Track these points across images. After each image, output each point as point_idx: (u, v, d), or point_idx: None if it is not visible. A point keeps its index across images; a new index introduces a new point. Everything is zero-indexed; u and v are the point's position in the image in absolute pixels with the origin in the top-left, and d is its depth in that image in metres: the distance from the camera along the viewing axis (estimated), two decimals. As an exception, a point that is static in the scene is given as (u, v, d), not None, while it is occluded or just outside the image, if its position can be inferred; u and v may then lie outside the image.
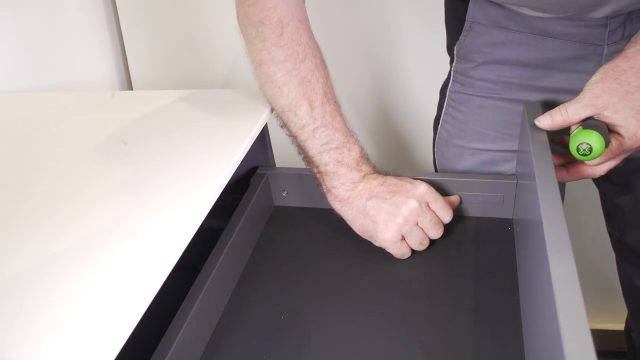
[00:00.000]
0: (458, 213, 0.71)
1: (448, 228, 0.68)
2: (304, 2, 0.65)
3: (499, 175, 0.76)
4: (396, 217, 0.63)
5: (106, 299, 0.45)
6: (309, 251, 0.69)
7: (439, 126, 0.83)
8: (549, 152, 0.57)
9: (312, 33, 0.66)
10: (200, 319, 0.56)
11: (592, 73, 0.62)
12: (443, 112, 0.81)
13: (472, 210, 0.72)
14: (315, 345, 0.57)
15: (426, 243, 0.66)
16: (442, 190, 0.70)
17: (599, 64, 0.66)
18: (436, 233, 0.66)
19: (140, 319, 0.44)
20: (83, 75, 1.11)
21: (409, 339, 0.56)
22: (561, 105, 0.61)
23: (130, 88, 1.23)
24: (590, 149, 0.56)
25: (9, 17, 0.93)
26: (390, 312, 0.59)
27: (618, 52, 0.63)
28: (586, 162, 0.62)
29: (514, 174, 0.74)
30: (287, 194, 0.76)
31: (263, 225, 0.74)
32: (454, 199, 0.70)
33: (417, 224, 0.64)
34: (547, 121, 0.61)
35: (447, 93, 0.80)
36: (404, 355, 0.55)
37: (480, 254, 0.66)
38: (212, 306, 0.60)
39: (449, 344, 0.55)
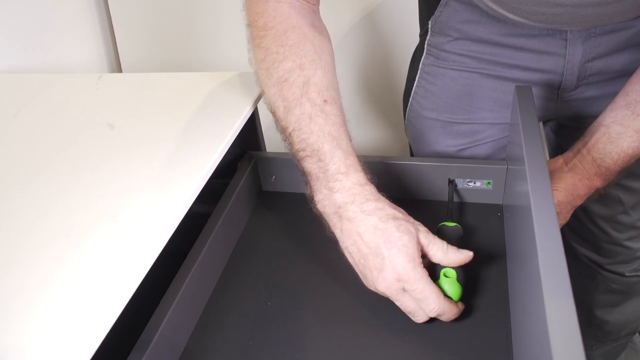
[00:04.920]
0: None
1: (436, 215, 0.68)
2: (315, 4, 0.64)
3: (489, 160, 0.76)
4: (376, 283, 0.54)
5: (92, 285, 0.45)
6: (296, 237, 0.68)
7: (410, 98, 0.84)
8: (539, 136, 0.56)
9: (311, 33, 0.61)
10: (186, 303, 0.56)
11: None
12: (415, 85, 0.82)
13: (462, 196, 0.71)
14: (302, 331, 0.56)
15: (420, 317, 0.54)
16: (430, 175, 0.70)
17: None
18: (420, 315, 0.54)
19: (127, 304, 0.44)
20: (70, 57, 1.09)
21: (396, 324, 0.56)
22: None
23: (120, 70, 1.21)
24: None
25: (-7, -3, 0.92)
26: (377, 297, 0.59)
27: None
28: None
29: (504, 159, 0.74)
30: (275, 179, 0.76)
31: (251, 211, 0.73)
32: (460, 257, 0.55)
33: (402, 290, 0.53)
34: None
35: (420, 65, 0.81)
36: (390, 340, 0.55)
37: (469, 240, 0.66)
38: (198, 291, 0.59)
39: (436, 330, 0.55)
